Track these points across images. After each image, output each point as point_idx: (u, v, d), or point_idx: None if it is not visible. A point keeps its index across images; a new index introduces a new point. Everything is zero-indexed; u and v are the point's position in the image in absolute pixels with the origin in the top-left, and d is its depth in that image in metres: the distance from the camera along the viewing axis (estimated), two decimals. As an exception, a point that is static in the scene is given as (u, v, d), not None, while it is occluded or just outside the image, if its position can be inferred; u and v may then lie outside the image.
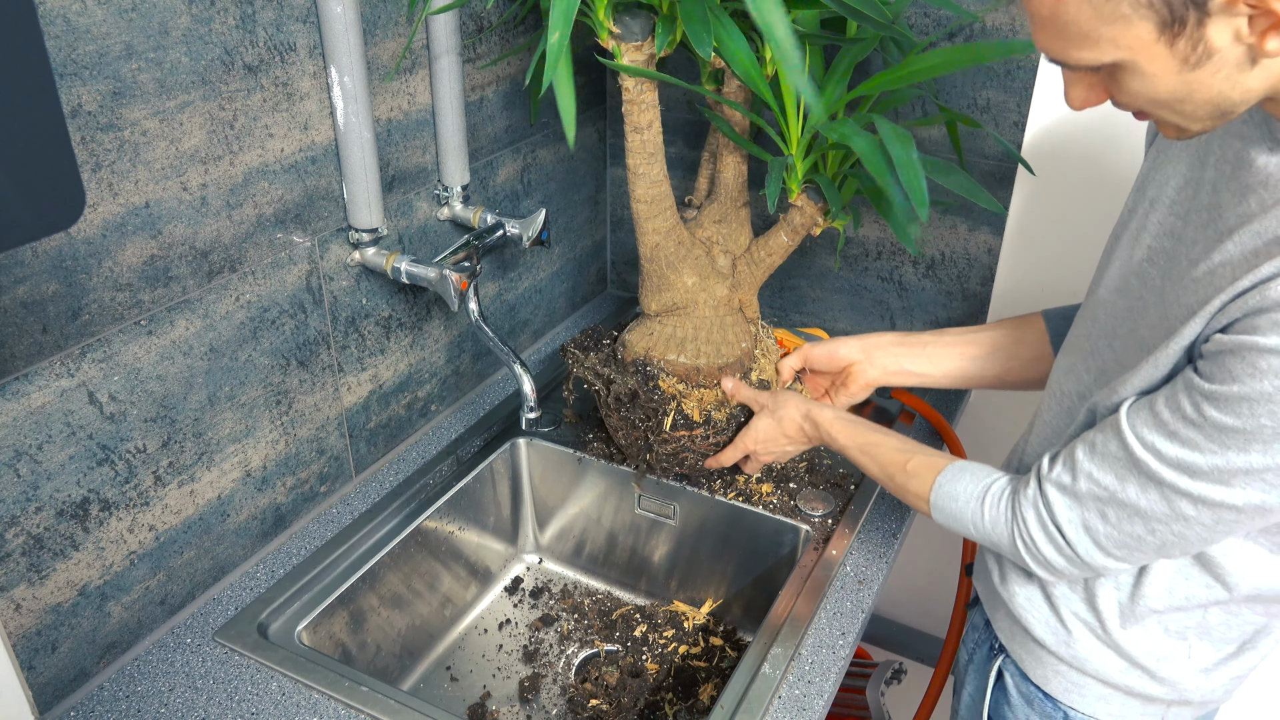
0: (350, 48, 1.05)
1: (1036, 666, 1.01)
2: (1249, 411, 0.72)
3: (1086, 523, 0.86)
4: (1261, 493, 0.76)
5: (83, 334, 0.91)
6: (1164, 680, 0.94)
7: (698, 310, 1.24)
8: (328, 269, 1.15)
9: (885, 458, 1.05)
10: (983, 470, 0.97)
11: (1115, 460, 0.83)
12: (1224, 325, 0.74)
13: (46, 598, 0.94)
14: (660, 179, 1.16)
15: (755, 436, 1.20)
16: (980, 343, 1.17)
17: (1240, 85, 0.69)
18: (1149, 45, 0.67)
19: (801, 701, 1.01)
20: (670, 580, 1.40)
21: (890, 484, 1.05)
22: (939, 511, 0.98)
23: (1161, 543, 0.83)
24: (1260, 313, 0.71)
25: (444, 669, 1.31)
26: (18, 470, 0.89)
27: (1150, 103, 0.73)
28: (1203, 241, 0.79)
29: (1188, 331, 0.77)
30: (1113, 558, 0.86)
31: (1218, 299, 0.74)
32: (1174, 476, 0.79)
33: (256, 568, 1.16)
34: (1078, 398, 0.93)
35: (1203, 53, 0.67)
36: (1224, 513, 0.78)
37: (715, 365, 1.23)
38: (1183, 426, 0.77)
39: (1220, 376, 0.73)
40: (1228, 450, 0.75)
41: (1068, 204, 1.39)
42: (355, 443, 1.27)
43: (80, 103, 0.85)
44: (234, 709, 0.99)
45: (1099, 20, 0.67)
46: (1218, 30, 0.65)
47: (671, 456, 1.26)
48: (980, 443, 1.57)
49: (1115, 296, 0.90)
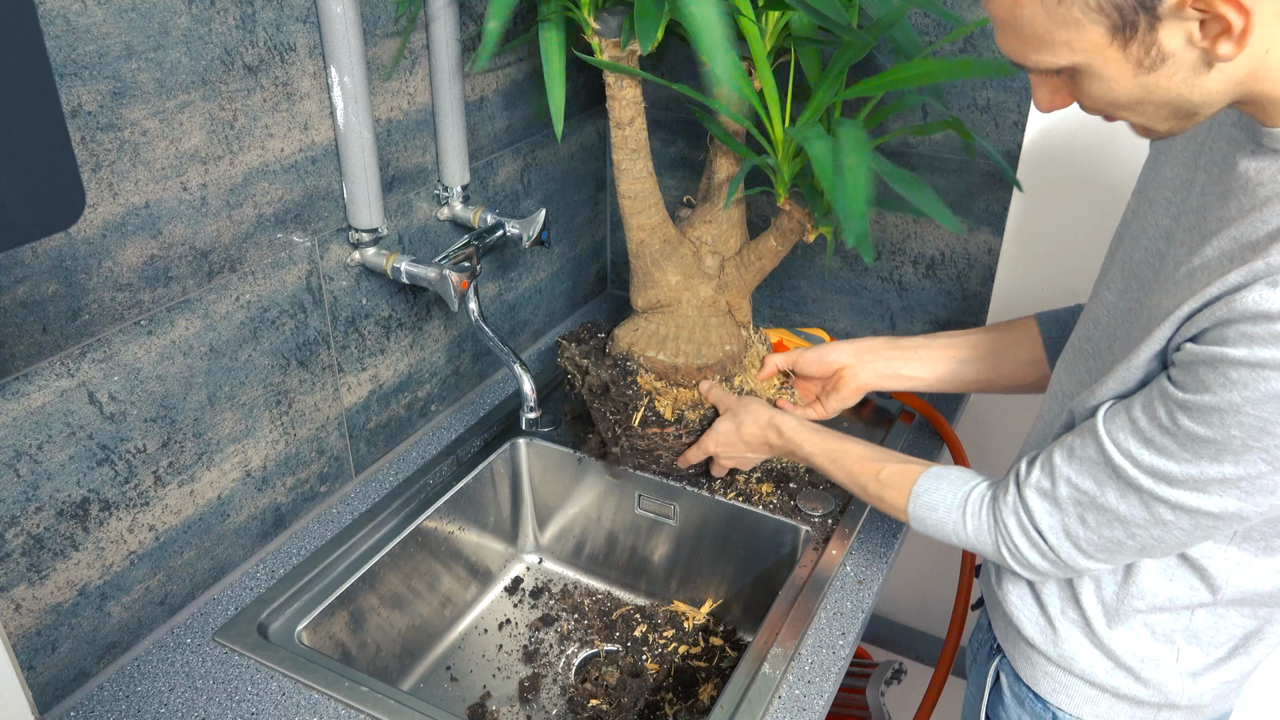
0: (350, 48, 1.05)
1: (1027, 666, 1.01)
2: (1219, 422, 0.73)
3: (1067, 528, 0.86)
4: (1238, 500, 0.76)
5: (83, 334, 0.91)
6: (1149, 682, 0.94)
7: (681, 309, 1.24)
8: (328, 269, 1.15)
9: (855, 467, 1.05)
10: (958, 477, 0.97)
11: (1093, 465, 0.83)
12: (1194, 334, 0.75)
13: (46, 598, 0.94)
14: (644, 175, 1.17)
15: (716, 439, 1.20)
16: (973, 346, 1.17)
17: (1199, 88, 0.69)
18: (1102, 49, 0.68)
19: (801, 701, 1.01)
20: (670, 580, 1.40)
21: (864, 494, 1.05)
22: (919, 523, 0.99)
23: (1142, 546, 0.84)
24: (1228, 324, 0.71)
25: (444, 669, 1.31)
26: (18, 470, 0.89)
27: (1111, 105, 0.73)
28: (1188, 244, 0.79)
29: (1158, 336, 0.78)
30: (1095, 560, 0.87)
31: (1187, 305, 0.75)
32: (1151, 484, 0.79)
33: (256, 568, 1.16)
34: (1075, 399, 0.93)
35: (1156, 56, 0.67)
36: (1202, 519, 0.79)
37: (694, 365, 1.23)
38: (1158, 434, 0.77)
39: (1193, 386, 0.74)
40: (1201, 460, 0.75)
41: (1068, 204, 1.39)
42: (355, 443, 1.27)
43: (80, 103, 0.85)
44: (234, 709, 0.99)
45: (1052, 24, 0.69)
46: (1170, 35, 0.66)
47: (646, 453, 1.27)
48: (980, 443, 1.57)
49: (1117, 298, 0.90)
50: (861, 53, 1.10)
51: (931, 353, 1.18)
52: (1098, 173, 1.35)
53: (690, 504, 1.32)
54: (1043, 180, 1.39)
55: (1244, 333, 0.70)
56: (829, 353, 1.23)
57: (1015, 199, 1.42)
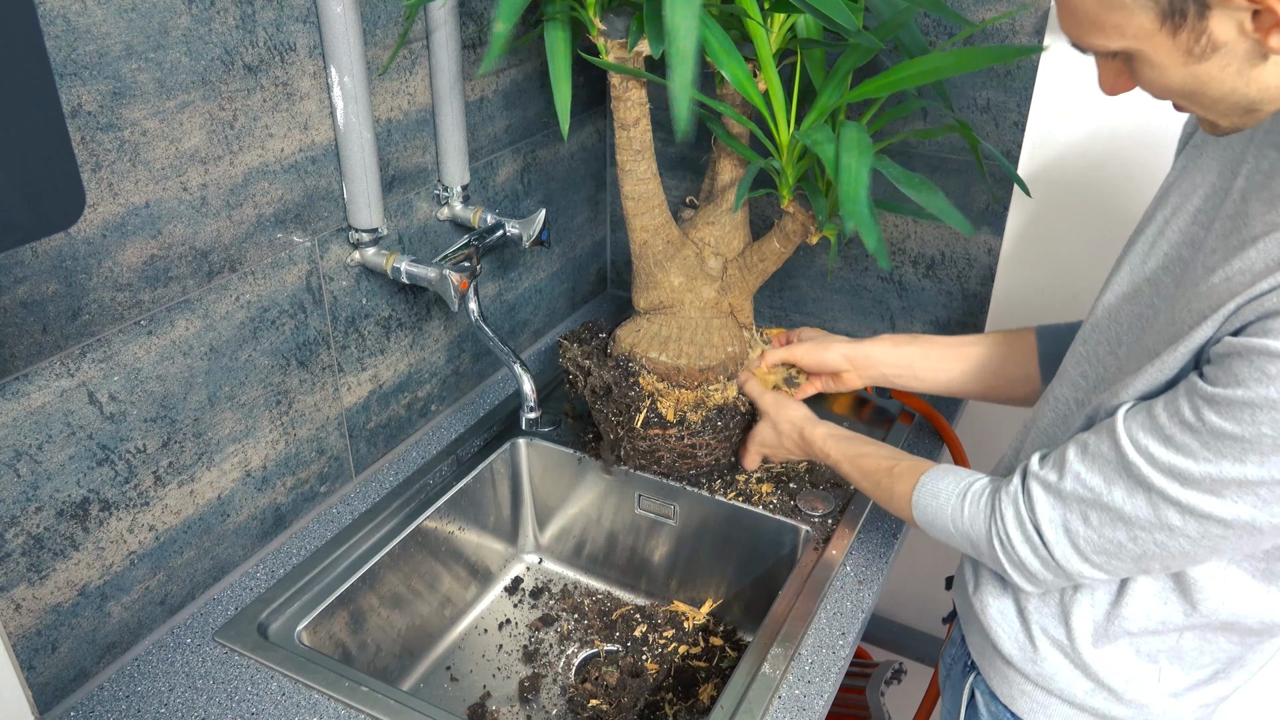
0: (350, 48, 1.05)
1: (1004, 685, 0.99)
2: (1250, 418, 0.70)
3: (1067, 524, 0.83)
4: (1253, 508, 0.73)
5: (83, 334, 0.91)
6: (1130, 702, 0.92)
7: (684, 310, 1.24)
8: (328, 269, 1.15)
9: (871, 465, 1.06)
10: (967, 471, 0.97)
11: (1106, 462, 0.80)
12: (1237, 328, 0.72)
13: (46, 598, 0.94)
14: (648, 176, 1.17)
15: (761, 439, 1.25)
16: (968, 359, 1.18)
17: (1256, 81, 0.68)
18: (1152, 35, 0.68)
19: (801, 701, 1.01)
20: (670, 580, 1.40)
21: (876, 490, 1.05)
22: (920, 510, 0.97)
23: (1142, 552, 0.80)
24: (1273, 316, 0.69)
25: (444, 669, 1.31)
26: (18, 470, 0.89)
27: (1166, 92, 0.73)
28: (1222, 250, 0.77)
29: (1199, 335, 0.75)
30: (1089, 564, 0.83)
31: (1233, 302, 0.72)
32: (1164, 482, 0.76)
33: (256, 568, 1.16)
34: (1075, 404, 0.92)
35: (1207, 45, 0.67)
36: (1211, 526, 0.76)
37: (696, 366, 1.23)
38: (1179, 431, 0.75)
39: (1225, 380, 0.71)
40: (1222, 459, 0.72)
41: (1068, 204, 1.39)
42: (355, 443, 1.27)
43: (80, 103, 0.85)
44: (234, 709, 0.99)
45: (1103, 8, 0.69)
46: (1220, 24, 0.65)
47: (648, 454, 1.27)
48: (980, 443, 1.57)
49: (1123, 303, 0.88)
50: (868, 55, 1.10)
51: (928, 365, 1.20)
52: (1098, 173, 1.35)
53: (690, 504, 1.32)
54: (1043, 180, 1.39)
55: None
56: (825, 354, 1.25)
57: (1015, 199, 1.42)
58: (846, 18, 0.99)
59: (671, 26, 0.83)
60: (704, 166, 1.63)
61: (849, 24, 0.99)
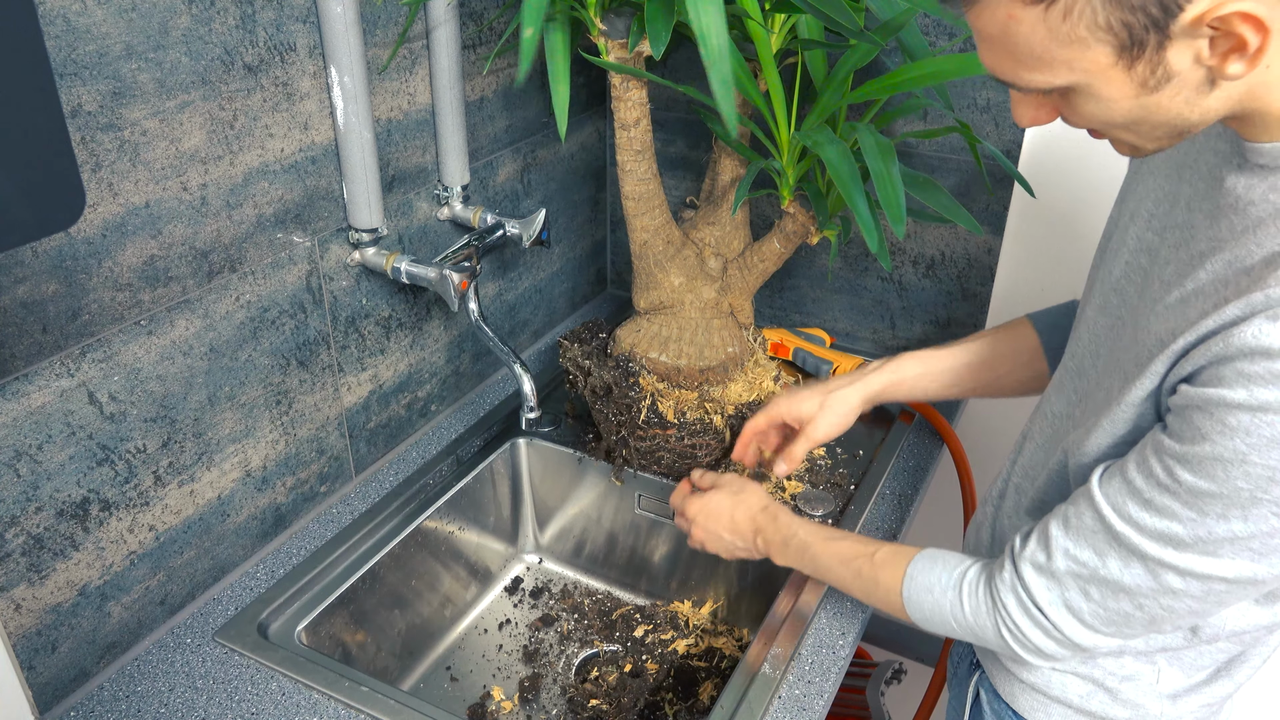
0: (350, 48, 1.05)
1: (1005, 683, 0.99)
2: (1223, 474, 0.68)
3: (1068, 602, 0.81)
4: (1250, 562, 0.71)
5: (83, 334, 0.91)
6: (1127, 703, 0.91)
7: (684, 311, 1.24)
8: (328, 269, 1.15)
9: (849, 550, 0.99)
10: (954, 557, 0.92)
11: (1092, 534, 0.78)
12: (1189, 373, 0.70)
13: (46, 598, 0.94)
14: (648, 177, 1.17)
15: (704, 507, 1.12)
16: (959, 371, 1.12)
17: (1199, 107, 0.67)
18: (1106, 69, 0.65)
19: (801, 701, 1.01)
20: (670, 580, 1.40)
21: (858, 579, 0.98)
22: (914, 607, 0.92)
23: (1151, 617, 0.78)
24: (1225, 361, 0.67)
25: (444, 669, 1.31)
26: (18, 470, 0.89)
27: (1105, 125, 0.70)
28: (1175, 263, 0.76)
29: (1152, 372, 0.73)
30: (1102, 634, 0.81)
31: (1181, 339, 0.71)
32: (1157, 550, 0.74)
33: (256, 568, 1.16)
34: (1064, 419, 0.90)
35: (1162, 76, 0.64)
36: (1214, 584, 0.74)
37: (697, 367, 1.24)
38: (1158, 494, 0.72)
39: (1189, 435, 0.69)
40: (1206, 518, 0.70)
41: (1067, 203, 1.39)
42: (355, 443, 1.27)
43: (80, 103, 0.85)
44: (234, 709, 0.99)
45: (1054, 42, 0.64)
46: (1178, 53, 0.63)
47: (648, 454, 1.27)
48: (980, 444, 1.57)
49: (1098, 314, 0.87)
50: (869, 56, 1.10)
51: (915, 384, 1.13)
52: (1097, 172, 1.35)
53: (690, 504, 1.32)
54: (1043, 180, 1.39)
55: (1241, 372, 0.66)
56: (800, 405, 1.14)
57: (1015, 199, 1.42)
58: (848, 18, 0.99)
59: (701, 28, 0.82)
60: (704, 166, 1.63)
61: (850, 24, 1.00)
